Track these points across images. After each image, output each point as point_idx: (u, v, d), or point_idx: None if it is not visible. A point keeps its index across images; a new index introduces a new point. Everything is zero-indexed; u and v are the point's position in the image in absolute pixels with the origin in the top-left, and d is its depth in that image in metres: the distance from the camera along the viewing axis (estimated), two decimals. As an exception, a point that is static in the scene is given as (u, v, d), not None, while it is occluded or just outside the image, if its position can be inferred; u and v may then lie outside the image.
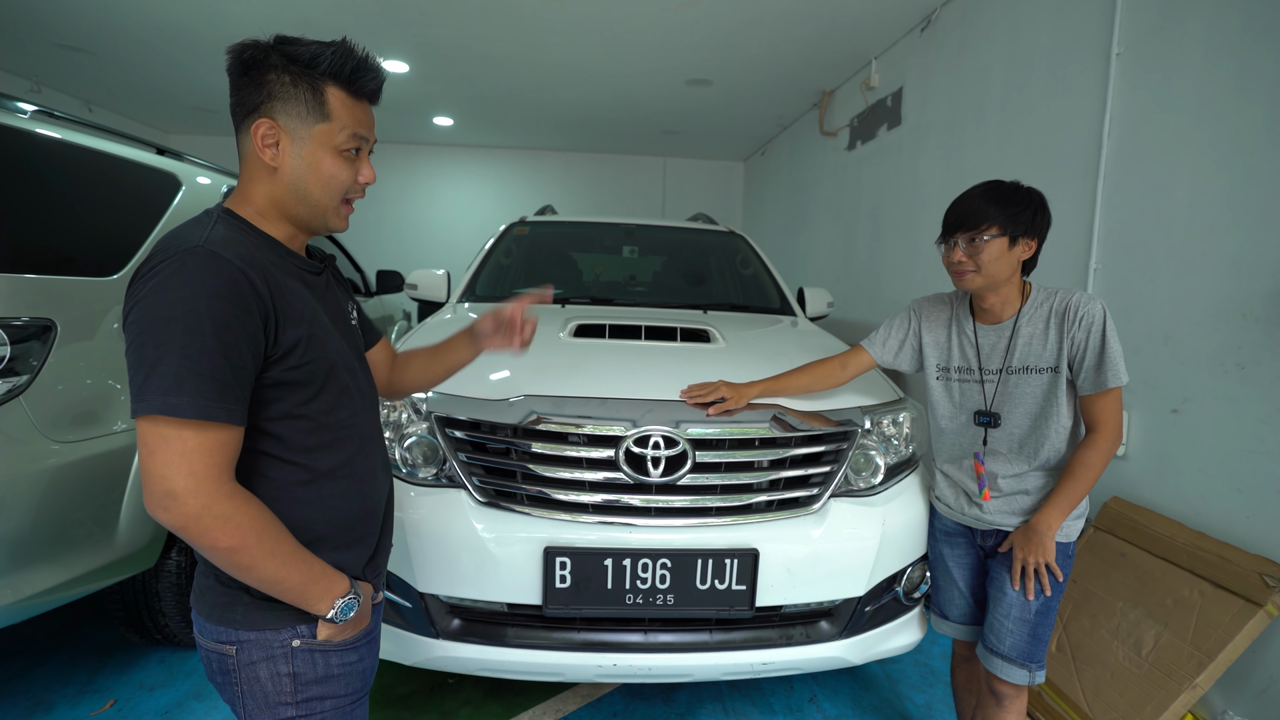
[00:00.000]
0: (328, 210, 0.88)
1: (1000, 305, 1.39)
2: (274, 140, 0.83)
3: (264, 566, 0.77)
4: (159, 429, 0.71)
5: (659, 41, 4.20)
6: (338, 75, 0.84)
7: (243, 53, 0.83)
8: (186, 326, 0.71)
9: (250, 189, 0.86)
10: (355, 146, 0.87)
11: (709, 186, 7.83)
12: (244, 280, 0.76)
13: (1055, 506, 1.34)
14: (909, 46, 3.92)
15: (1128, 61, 2.33)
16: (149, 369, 0.71)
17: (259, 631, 0.83)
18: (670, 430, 1.50)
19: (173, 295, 0.72)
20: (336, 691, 0.89)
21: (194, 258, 0.74)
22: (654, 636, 1.52)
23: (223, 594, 0.84)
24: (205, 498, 0.72)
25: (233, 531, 0.74)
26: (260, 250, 0.82)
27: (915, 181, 3.83)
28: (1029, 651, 1.38)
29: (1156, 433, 2.16)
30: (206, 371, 0.72)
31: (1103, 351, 1.28)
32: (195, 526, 0.73)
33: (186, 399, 0.71)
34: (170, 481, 0.71)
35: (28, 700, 1.92)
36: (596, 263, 3.22)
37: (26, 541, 1.51)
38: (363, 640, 0.93)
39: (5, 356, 1.46)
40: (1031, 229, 1.32)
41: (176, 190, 2.18)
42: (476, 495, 1.51)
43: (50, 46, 4.56)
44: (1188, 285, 2.06)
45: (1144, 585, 1.95)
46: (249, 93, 0.83)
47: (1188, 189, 2.08)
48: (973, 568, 1.55)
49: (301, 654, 0.85)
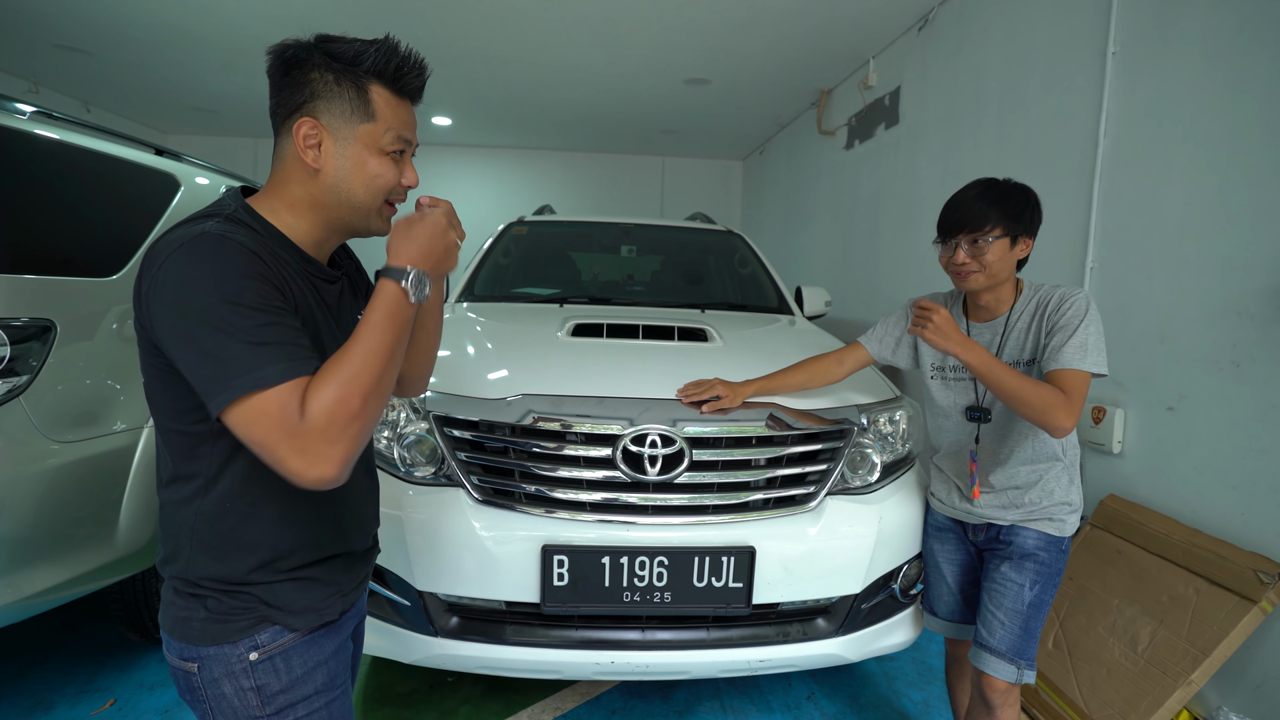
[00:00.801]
0: (370, 211, 0.86)
1: (995, 303, 1.40)
2: (316, 141, 0.81)
3: (378, 377, 0.73)
4: (254, 405, 0.68)
5: (657, 41, 4.20)
6: (381, 73, 0.82)
7: (284, 52, 0.81)
8: (233, 309, 0.69)
9: (285, 189, 0.84)
10: (399, 149, 0.85)
11: (707, 186, 7.83)
12: (256, 259, 0.75)
13: (994, 361, 1.27)
14: (906, 46, 3.92)
15: (1123, 61, 2.34)
16: (218, 360, 0.68)
17: (217, 646, 0.80)
18: (667, 429, 1.51)
19: (203, 283, 0.70)
20: (307, 693, 0.85)
21: (205, 244, 0.72)
22: (652, 634, 1.53)
23: (181, 608, 0.81)
24: (319, 433, 0.68)
25: (351, 407, 0.70)
26: (268, 247, 0.79)
27: (913, 181, 3.83)
28: (1019, 646, 1.38)
29: (1152, 430, 2.16)
30: (270, 338, 0.70)
31: (1074, 332, 1.26)
32: (335, 448, 0.69)
33: (269, 369, 0.68)
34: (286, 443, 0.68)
35: (28, 699, 1.93)
36: (595, 262, 3.23)
37: (27, 541, 1.52)
38: (319, 628, 0.87)
39: (5, 357, 1.47)
40: (1030, 228, 1.34)
41: (175, 190, 2.19)
42: (474, 494, 1.52)
43: (49, 47, 4.56)
44: (1183, 284, 2.07)
45: (1140, 582, 1.96)
46: (290, 93, 0.81)
47: (1183, 188, 2.09)
48: (963, 564, 1.56)
49: (261, 665, 0.81)
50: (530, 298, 2.64)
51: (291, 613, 0.83)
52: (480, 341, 1.91)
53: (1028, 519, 1.41)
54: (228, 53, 4.58)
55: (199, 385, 0.70)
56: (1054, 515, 1.40)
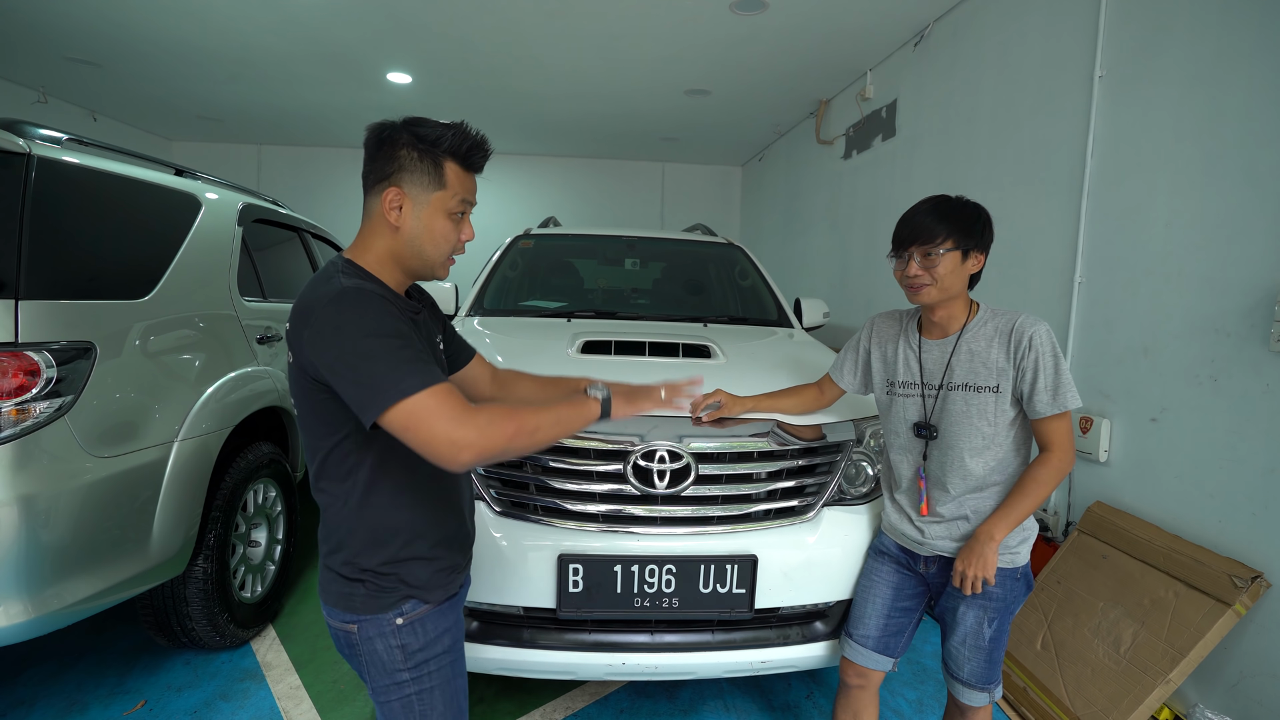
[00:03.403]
0: (436, 264, 1.07)
1: (947, 319, 1.41)
2: (399, 204, 1.02)
3: (542, 427, 0.98)
4: (409, 410, 0.88)
5: (659, 56, 4.29)
6: (455, 152, 1.03)
7: (380, 132, 1.02)
8: (377, 340, 0.91)
9: (372, 241, 1.05)
10: (462, 210, 1.07)
11: (707, 191, 7.93)
12: (386, 302, 0.96)
13: (1001, 518, 1.35)
14: (903, 60, 4.02)
15: (1110, 84, 2.44)
16: (370, 382, 0.89)
17: (373, 615, 1.04)
18: (675, 445, 1.60)
19: (352, 326, 0.91)
20: (437, 651, 1.09)
21: (348, 295, 0.93)
22: (660, 637, 1.62)
23: (344, 585, 1.05)
24: (470, 425, 0.90)
25: (504, 426, 0.92)
26: (385, 290, 1.02)
27: (909, 192, 3.92)
28: (986, 675, 1.44)
29: (1137, 440, 2.26)
30: (407, 357, 0.91)
31: (1056, 375, 1.31)
32: (485, 443, 0.90)
33: (410, 380, 0.89)
34: (445, 435, 0.88)
35: (63, 701, 2.02)
36: (599, 275, 3.31)
37: (69, 551, 1.61)
38: (445, 600, 1.11)
39: (53, 379, 1.56)
40: (981, 243, 1.36)
41: (197, 211, 2.28)
42: (494, 506, 1.61)
43: (58, 59, 4.64)
44: (1165, 300, 2.17)
45: (1124, 586, 2.06)
46: (382, 163, 1.02)
47: (1166, 207, 2.18)
48: (896, 588, 1.53)
49: (405, 629, 1.05)
50: (538, 311, 2.73)
51: (427, 589, 1.07)
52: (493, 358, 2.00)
53: None
54: (234, 65, 4.66)
55: (356, 403, 0.91)
56: (1007, 545, 1.39)
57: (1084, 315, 2.52)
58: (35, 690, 2.07)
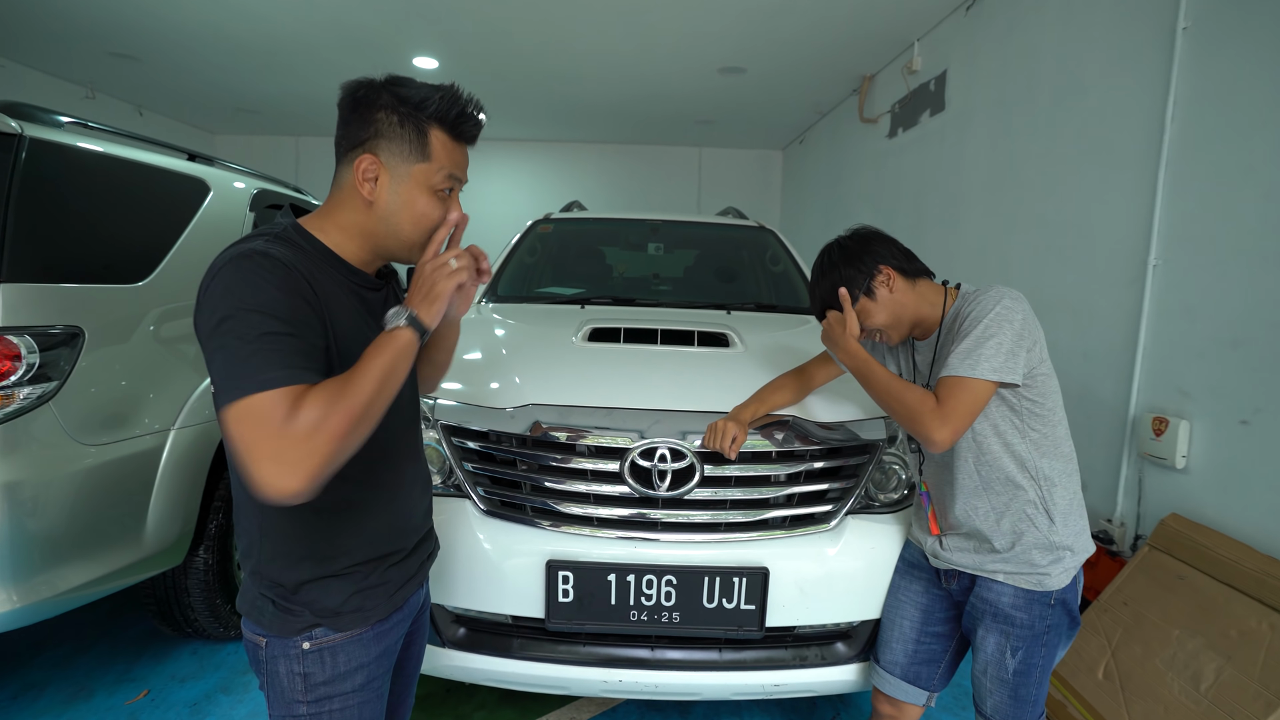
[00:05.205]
0: (413, 245, 0.91)
1: (924, 323, 1.29)
2: (374, 175, 0.86)
3: (367, 404, 0.76)
4: (249, 404, 0.71)
5: (688, 29, 4.09)
6: (443, 119, 0.87)
7: (356, 90, 0.87)
8: (259, 316, 0.74)
9: (339, 213, 0.89)
10: (449, 187, 0.90)
11: (746, 177, 7.65)
12: (294, 273, 0.80)
13: (866, 357, 1.25)
14: (953, 27, 3.70)
15: (1195, 37, 2.13)
16: (235, 361, 0.73)
17: (278, 636, 0.90)
18: (677, 442, 1.44)
19: (239, 293, 0.75)
20: (345, 689, 0.92)
21: (250, 258, 0.78)
22: (661, 653, 1.47)
23: (256, 597, 0.91)
24: (299, 440, 0.71)
25: (335, 425, 0.72)
26: (312, 261, 0.85)
27: (959, 170, 3.63)
28: (1013, 714, 1.24)
29: (1223, 445, 1.97)
30: (284, 347, 0.74)
31: (981, 340, 1.12)
32: (310, 461, 0.70)
33: (275, 373, 0.72)
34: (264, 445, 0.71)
35: (71, 686, 2.02)
36: (620, 260, 3.16)
37: (60, 540, 1.57)
38: (369, 633, 0.94)
39: (35, 364, 1.51)
40: (869, 271, 1.25)
41: (204, 195, 2.23)
42: (481, 505, 1.49)
43: (102, 55, 4.77)
44: (1261, 283, 1.87)
45: (1204, 613, 1.79)
46: (356, 128, 0.86)
47: (1262, 176, 1.88)
48: (925, 609, 1.38)
49: (311, 655, 0.90)
50: (553, 298, 2.60)
51: (338, 616, 0.90)
52: (494, 347, 1.88)
53: (1001, 571, 1.23)
54: (263, 54, 4.69)
55: (216, 384, 0.75)
56: (1034, 564, 1.20)
57: (1159, 302, 2.23)
58: (48, 674, 2.08)
